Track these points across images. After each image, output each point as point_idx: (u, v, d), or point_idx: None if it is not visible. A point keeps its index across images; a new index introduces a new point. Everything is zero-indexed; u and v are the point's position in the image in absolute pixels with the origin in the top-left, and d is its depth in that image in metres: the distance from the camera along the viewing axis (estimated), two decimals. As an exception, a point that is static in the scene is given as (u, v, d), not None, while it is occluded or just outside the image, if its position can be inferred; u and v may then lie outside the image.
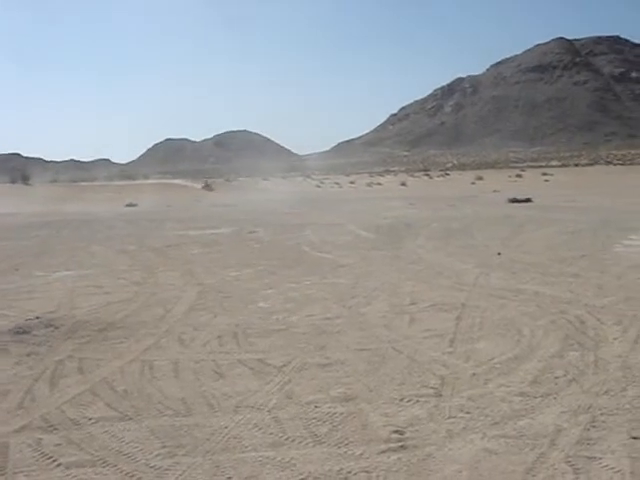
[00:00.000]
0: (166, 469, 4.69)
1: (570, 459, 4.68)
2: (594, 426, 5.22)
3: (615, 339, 7.47)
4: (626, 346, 7.19)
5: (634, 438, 4.98)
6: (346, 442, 5.08)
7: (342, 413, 5.65)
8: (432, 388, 6.16)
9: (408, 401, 5.87)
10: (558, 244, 14.95)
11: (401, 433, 5.20)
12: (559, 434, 5.08)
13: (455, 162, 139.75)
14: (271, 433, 5.28)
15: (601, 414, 5.44)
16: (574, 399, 5.78)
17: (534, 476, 4.48)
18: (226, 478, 4.58)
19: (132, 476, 4.60)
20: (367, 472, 4.61)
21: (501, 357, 6.96)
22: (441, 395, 5.98)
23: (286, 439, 5.17)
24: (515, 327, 8.11)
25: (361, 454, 4.88)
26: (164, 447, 5.05)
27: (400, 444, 5.01)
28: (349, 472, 4.62)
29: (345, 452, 4.92)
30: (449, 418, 5.47)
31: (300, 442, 5.11)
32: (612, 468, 4.55)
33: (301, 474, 4.61)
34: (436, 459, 4.77)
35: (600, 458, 4.69)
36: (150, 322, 8.99)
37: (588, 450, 4.81)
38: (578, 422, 5.29)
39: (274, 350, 7.55)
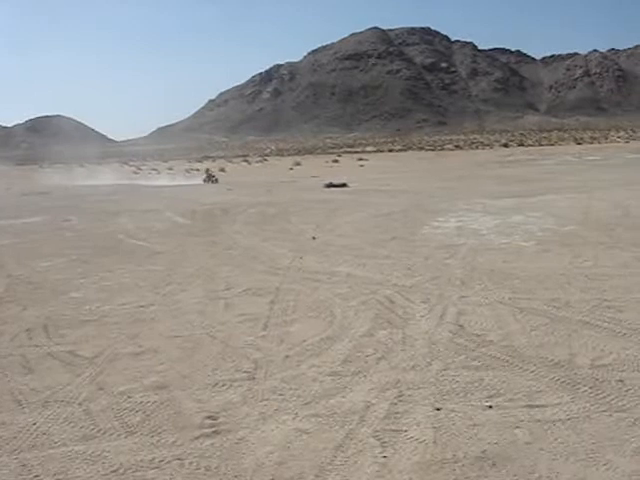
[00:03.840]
0: (-33, 472, 4.47)
1: (378, 433, 4.86)
2: (401, 400, 5.43)
3: (422, 317, 7.78)
4: (432, 323, 7.51)
5: (437, 409, 5.23)
6: (159, 431, 5.04)
7: (155, 402, 5.60)
8: (246, 372, 6.20)
9: (222, 386, 5.89)
10: (371, 227, 15.35)
11: (214, 418, 5.21)
12: (368, 410, 5.25)
13: (274, 148, 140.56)
14: (82, 426, 5.16)
15: (408, 389, 5.67)
16: (383, 376, 5.99)
17: (343, 452, 4.61)
18: (33, 477, 4.44)
19: None
20: (180, 459, 4.59)
21: (314, 339, 7.10)
22: (254, 378, 6.03)
23: (97, 431, 5.06)
24: (328, 309, 8.29)
25: (174, 442, 4.86)
26: (-34, 449, 4.81)
27: (213, 429, 5.03)
28: (161, 461, 4.58)
29: (158, 441, 4.88)
30: (262, 401, 5.53)
31: (112, 434, 5.02)
32: (417, 439, 4.76)
33: (112, 466, 4.53)
34: (249, 442, 4.82)
35: (406, 431, 4.89)
36: (-48, 318, 8.53)
37: (395, 424, 5.01)
38: (386, 397, 5.49)
39: (86, 341, 7.37)
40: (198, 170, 57.05)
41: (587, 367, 6.07)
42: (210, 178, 40.70)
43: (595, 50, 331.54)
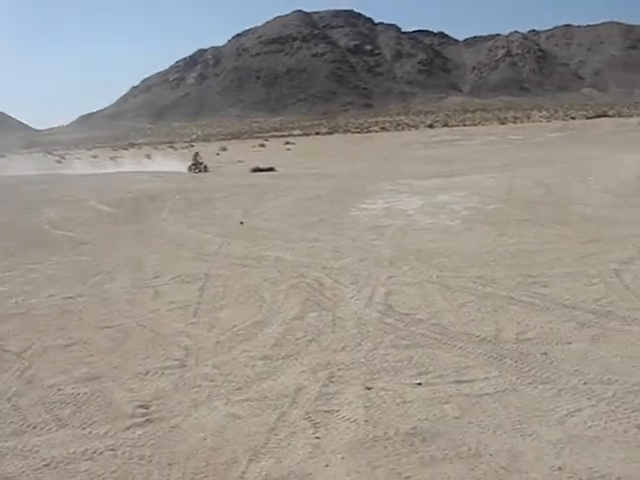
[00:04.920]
0: None
1: (310, 415, 4.92)
2: (332, 381, 5.51)
3: (351, 298, 7.86)
4: (361, 304, 7.60)
5: (368, 388, 5.31)
6: (90, 422, 5.02)
7: (86, 393, 5.56)
8: (177, 360, 6.20)
9: (153, 374, 5.88)
10: (298, 210, 15.37)
11: (146, 407, 5.21)
12: (299, 392, 5.32)
13: (200, 133, 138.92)
14: (11, 422, 5.10)
15: (338, 369, 5.75)
16: (313, 358, 6.06)
17: (276, 435, 4.66)
18: (-37, 474, 4.37)
19: None
20: (113, 450, 4.58)
21: (244, 324, 7.13)
22: (185, 366, 6.04)
23: (27, 426, 5.01)
24: (257, 293, 8.32)
25: (106, 432, 4.84)
26: None
27: (146, 418, 5.03)
28: (94, 452, 4.57)
29: (90, 432, 4.86)
30: (194, 387, 5.54)
31: (42, 428, 4.98)
32: (348, 419, 4.85)
33: (44, 460, 4.50)
34: (181, 429, 4.83)
35: (337, 411, 4.97)
36: None
37: (326, 404, 5.08)
38: (317, 379, 5.56)
39: (13, 335, 7.26)
40: (124, 158, 56.24)
41: (513, 341, 6.24)
42: (198, 166, 33.15)
43: (516, 31, 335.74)
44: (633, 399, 4.94)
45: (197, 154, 35.04)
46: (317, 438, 4.59)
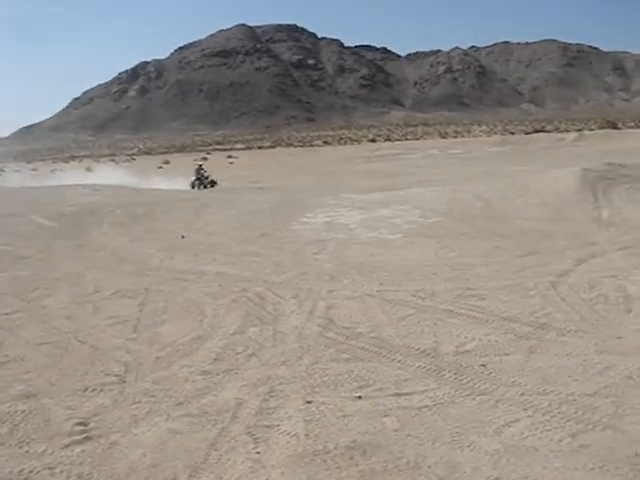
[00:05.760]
0: None
1: (250, 429, 4.93)
2: (272, 396, 5.52)
3: (292, 312, 7.89)
4: (302, 318, 7.63)
5: (308, 403, 5.34)
6: (28, 441, 4.95)
7: (23, 411, 5.47)
8: (116, 375, 6.14)
9: (92, 391, 5.82)
10: (240, 224, 15.30)
11: (85, 424, 5.15)
12: (240, 407, 5.32)
13: (142, 147, 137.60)
14: (-55, 441, 4.99)
15: (279, 384, 5.77)
16: (254, 372, 6.07)
17: (217, 450, 4.66)
18: None
19: None
20: (50, 469, 4.53)
21: (184, 338, 7.09)
22: (125, 381, 5.99)
23: (-38, 446, 4.91)
24: (198, 308, 8.28)
25: (44, 451, 4.77)
26: None
27: (84, 435, 4.97)
28: (31, 471, 4.51)
29: (27, 451, 4.79)
30: (133, 404, 5.50)
31: (-23, 447, 4.88)
32: (289, 433, 4.87)
33: (-21, 480, 4.41)
34: (121, 446, 4.79)
35: (278, 425, 4.99)
36: None
37: (267, 419, 5.09)
38: (258, 394, 5.57)
39: (-54, 354, 7.09)
40: (63, 171, 55.45)
41: (452, 354, 6.34)
42: (202, 181, 28.87)
43: (457, 47, 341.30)
44: (568, 409, 5.06)
45: (201, 167, 30.40)
46: (257, 453, 4.60)
